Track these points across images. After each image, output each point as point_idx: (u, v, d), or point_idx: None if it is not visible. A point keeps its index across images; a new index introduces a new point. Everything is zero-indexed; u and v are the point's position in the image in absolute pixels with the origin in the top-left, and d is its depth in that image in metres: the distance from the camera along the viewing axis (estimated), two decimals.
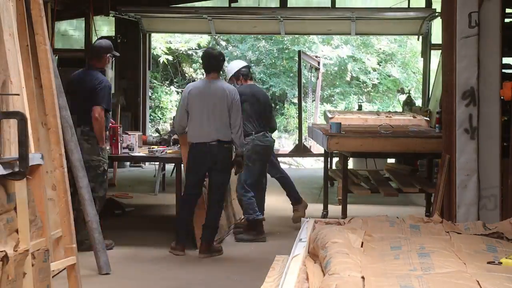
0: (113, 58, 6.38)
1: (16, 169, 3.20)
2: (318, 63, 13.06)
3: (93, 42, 10.61)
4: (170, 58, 17.73)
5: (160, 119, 18.14)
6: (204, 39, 17.89)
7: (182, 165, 6.40)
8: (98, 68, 6.17)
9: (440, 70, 8.64)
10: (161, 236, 6.68)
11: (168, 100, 18.39)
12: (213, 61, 6.01)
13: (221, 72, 6.22)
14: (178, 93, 18.84)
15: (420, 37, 11.52)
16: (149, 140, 7.50)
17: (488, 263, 2.89)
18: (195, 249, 6.21)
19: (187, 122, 5.98)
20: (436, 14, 10.31)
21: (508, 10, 5.62)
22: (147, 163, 11.32)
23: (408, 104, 11.12)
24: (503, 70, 5.21)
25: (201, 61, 6.24)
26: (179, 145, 6.57)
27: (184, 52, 18.36)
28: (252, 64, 18.52)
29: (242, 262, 5.95)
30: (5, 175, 3.15)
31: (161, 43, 17.11)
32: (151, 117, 17.03)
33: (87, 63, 6.35)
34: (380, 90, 19.59)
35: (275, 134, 16.29)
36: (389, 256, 2.98)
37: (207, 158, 5.91)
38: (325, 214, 7.44)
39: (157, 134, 8.14)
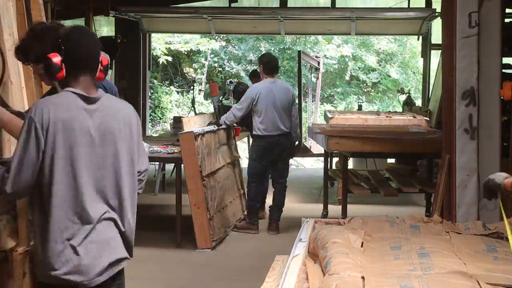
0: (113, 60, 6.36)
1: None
2: (318, 63, 13.06)
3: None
4: (170, 59, 17.74)
5: (160, 119, 18.14)
6: (203, 40, 17.90)
7: (182, 165, 6.40)
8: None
9: (440, 70, 8.64)
10: (161, 236, 6.69)
11: (168, 100, 18.39)
12: (276, 63, 7.21)
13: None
14: (178, 93, 18.84)
15: (420, 37, 11.52)
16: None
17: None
18: (195, 248, 6.21)
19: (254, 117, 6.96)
20: (436, 14, 10.30)
21: (508, 10, 5.63)
22: None
23: (408, 104, 11.12)
24: (503, 70, 5.21)
25: (262, 63, 7.19)
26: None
27: (184, 52, 18.37)
28: (253, 64, 18.52)
29: (242, 262, 5.96)
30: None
31: (160, 44, 17.11)
32: (151, 117, 17.04)
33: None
34: (380, 90, 19.59)
35: None
36: (389, 256, 2.98)
37: (275, 148, 6.93)
38: (325, 214, 7.44)
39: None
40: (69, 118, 2.69)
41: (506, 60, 5.43)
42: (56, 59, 2.73)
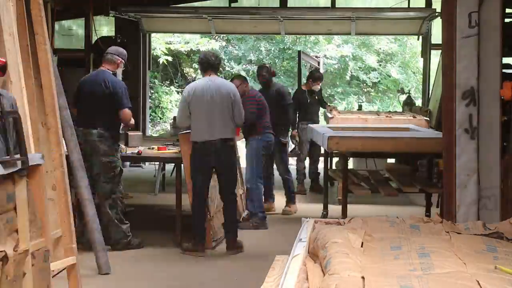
0: (124, 67, 6.38)
1: (16, 169, 3.20)
2: (318, 63, 13.06)
3: (93, 42, 10.64)
4: (170, 58, 17.73)
5: (160, 119, 18.14)
6: (203, 40, 17.90)
7: (182, 165, 6.40)
8: (109, 70, 6.16)
9: (440, 70, 8.64)
10: (161, 236, 6.69)
11: (168, 100, 18.39)
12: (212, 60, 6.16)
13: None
14: (178, 93, 18.83)
15: (420, 37, 11.52)
16: None
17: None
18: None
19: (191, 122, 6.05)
20: (436, 14, 10.31)
21: (508, 10, 5.62)
22: (147, 163, 11.33)
23: (408, 104, 11.12)
24: (503, 70, 5.20)
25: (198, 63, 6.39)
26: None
27: (184, 52, 18.37)
28: (253, 64, 18.51)
29: (242, 262, 5.95)
30: (4, 175, 3.15)
31: (160, 44, 17.11)
32: (151, 117, 17.03)
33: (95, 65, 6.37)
34: (380, 90, 19.59)
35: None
36: (389, 256, 2.98)
37: (211, 156, 5.96)
38: (325, 214, 7.44)
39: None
40: None
41: (506, 60, 5.42)
42: None
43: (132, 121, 6.16)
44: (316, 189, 9.52)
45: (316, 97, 9.72)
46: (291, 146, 9.39)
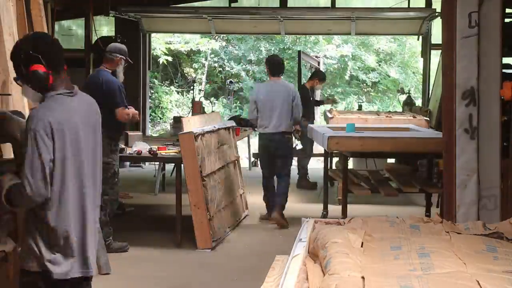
0: (125, 64, 6.36)
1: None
2: (318, 63, 13.06)
3: (93, 42, 10.63)
4: (170, 58, 17.74)
5: (160, 119, 18.15)
6: (203, 40, 17.90)
7: (182, 165, 6.40)
8: (108, 69, 6.16)
9: (440, 70, 8.63)
10: (161, 236, 6.69)
11: (168, 100, 18.39)
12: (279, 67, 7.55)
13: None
14: (178, 93, 18.84)
15: (420, 37, 11.52)
16: None
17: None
18: (195, 248, 6.22)
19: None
20: (436, 14, 10.31)
21: (508, 10, 5.62)
22: (147, 163, 11.32)
23: (408, 104, 11.12)
24: (503, 70, 5.20)
25: (267, 65, 7.68)
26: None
27: (184, 52, 18.38)
28: (253, 64, 18.52)
29: (242, 262, 5.96)
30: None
31: (160, 44, 17.11)
32: (151, 117, 17.03)
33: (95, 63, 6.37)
34: (380, 90, 19.59)
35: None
36: (389, 256, 2.97)
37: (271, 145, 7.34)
38: (325, 214, 7.44)
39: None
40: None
41: (506, 60, 5.41)
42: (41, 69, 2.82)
43: (131, 116, 6.11)
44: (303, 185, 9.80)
45: (312, 98, 9.88)
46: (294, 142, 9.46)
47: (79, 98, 3.01)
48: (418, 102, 12.96)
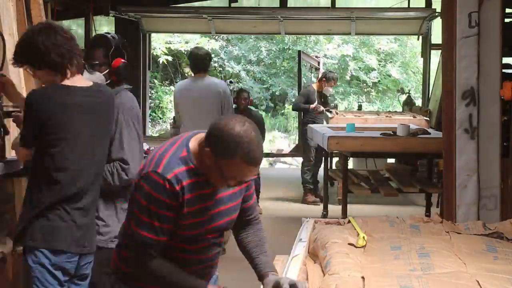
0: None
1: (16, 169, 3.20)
2: (318, 63, 13.06)
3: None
4: (170, 58, 17.73)
5: (160, 119, 18.14)
6: (203, 40, 17.89)
7: None
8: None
9: (440, 70, 8.63)
10: None
11: (168, 100, 18.39)
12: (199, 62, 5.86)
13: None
14: None
15: (420, 37, 11.52)
16: None
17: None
18: None
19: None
20: (436, 14, 10.30)
21: (508, 10, 5.61)
22: None
23: (408, 104, 11.12)
24: (503, 70, 5.20)
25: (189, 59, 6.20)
26: None
27: (184, 52, 18.37)
28: (253, 64, 18.51)
29: (242, 262, 5.94)
30: (4, 175, 3.15)
31: (160, 44, 17.10)
32: (151, 117, 17.03)
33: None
34: (380, 90, 19.58)
35: (278, 134, 16.45)
36: (389, 256, 2.97)
37: None
38: (325, 214, 7.44)
39: None
40: None
41: (506, 60, 5.41)
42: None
43: None
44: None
45: (322, 100, 9.28)
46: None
47: None
48: (418, 102, 12.96)
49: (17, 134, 3.10)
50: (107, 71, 3.24)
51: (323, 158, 8.07)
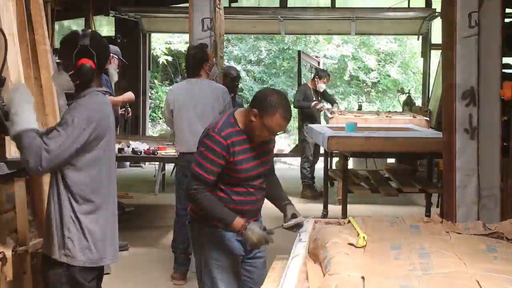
0: (120, 63, 6.43)
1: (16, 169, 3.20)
2: (318, 63, 13.06)
3: None
4: (170, 58, 17.72)
5: (160, 119, 18.13)
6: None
7: None
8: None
9: (440, 70, 8.63)
10: (161, 236, 6.68)
11: None
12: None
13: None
14: None
15: (420, 37, 11.52)
16: None
17: None
18: None
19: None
20: (436, 14, 10.32)
21: (508, 10, 5.61)
22: (147, 163, 11.32)
23: (408, 104, 11.12)
24: (503, 70, 5.20)
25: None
26: None
27: (184, 52, 18.36)
28: (253, 64, 18.50)
29: None
30: (4, 175, 3.15)
31: (160, 44, 17.09)
32: (151, 117, 17.03)
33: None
34: (380, 90, 19.58)
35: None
36: (389, 256, 2.97)
37: None
38: (325, 214, 7.44)
39: None
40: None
41: (506, 60, 5.41)
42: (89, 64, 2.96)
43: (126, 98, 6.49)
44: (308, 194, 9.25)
45: (319, 97, 9.50)
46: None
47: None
48: (418, 102, 12.96)
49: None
50: (71, 72, 2.96)
51: (323, 158, 8.09)
